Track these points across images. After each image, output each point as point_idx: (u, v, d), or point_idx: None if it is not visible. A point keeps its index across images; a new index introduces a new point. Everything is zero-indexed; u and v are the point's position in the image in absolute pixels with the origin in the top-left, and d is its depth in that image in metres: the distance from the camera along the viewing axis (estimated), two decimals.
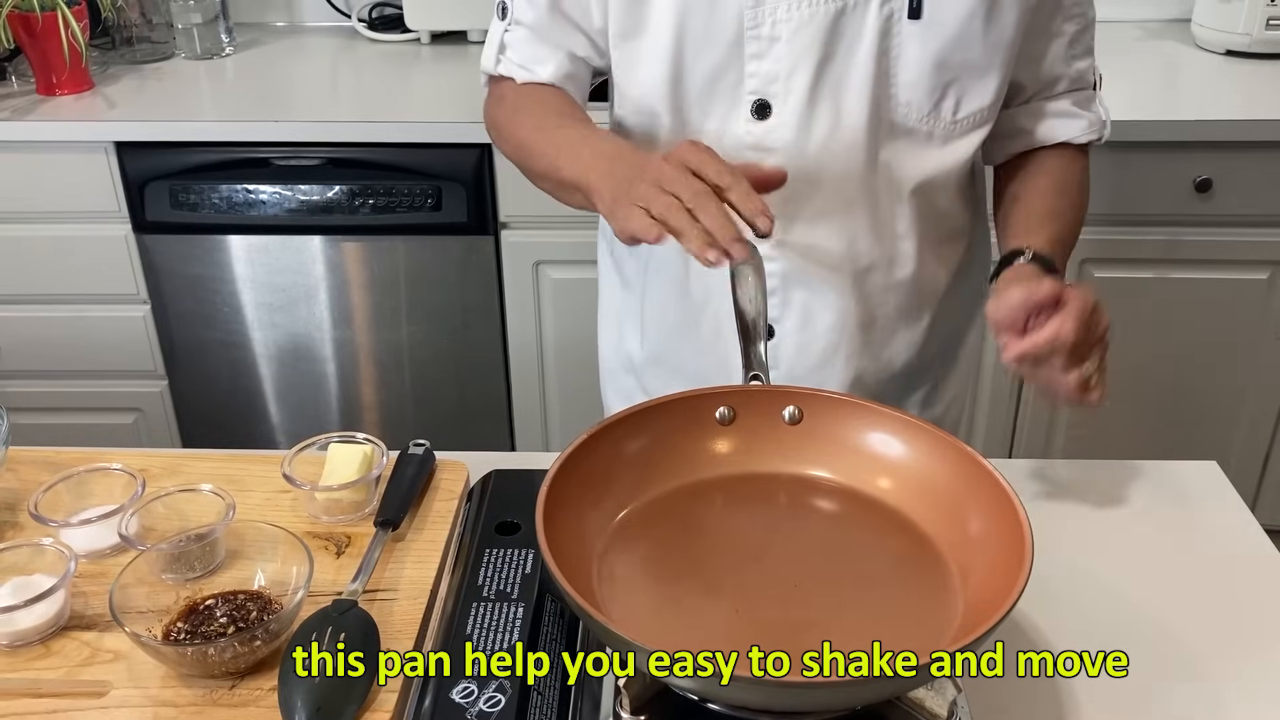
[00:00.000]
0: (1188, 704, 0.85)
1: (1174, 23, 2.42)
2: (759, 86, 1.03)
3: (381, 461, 1.00)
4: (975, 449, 0.85)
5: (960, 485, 0.85)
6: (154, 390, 2.24)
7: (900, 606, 0.81)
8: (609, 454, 0.87)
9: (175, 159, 2.01)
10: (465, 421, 2.25)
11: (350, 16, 2.45)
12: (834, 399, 0.92)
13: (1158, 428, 2.22)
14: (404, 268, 2.09)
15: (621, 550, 0.84)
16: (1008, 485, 0.80)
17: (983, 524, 0.82)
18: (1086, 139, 1.14)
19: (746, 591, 0.81)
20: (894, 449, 0.89)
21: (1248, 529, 1.04)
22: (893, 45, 1.01)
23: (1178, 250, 2.04)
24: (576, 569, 0.78)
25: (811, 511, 0.90)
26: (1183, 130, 1.94)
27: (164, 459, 1.07)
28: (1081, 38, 1.12)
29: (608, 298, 1.29)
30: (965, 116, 1.06)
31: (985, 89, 1.05)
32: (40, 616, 0.86)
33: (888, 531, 0.87)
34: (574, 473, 0.83)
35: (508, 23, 1.12)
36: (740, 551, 0.85)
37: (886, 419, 0.90)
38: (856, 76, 1.02)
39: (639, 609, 0.79)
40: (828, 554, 0.86)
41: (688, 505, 0.89)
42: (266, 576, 0.89)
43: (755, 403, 0.92)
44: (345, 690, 0.79)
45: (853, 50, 1.01)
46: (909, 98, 1.03)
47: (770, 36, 1.01)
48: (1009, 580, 0.73)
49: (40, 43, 2.05)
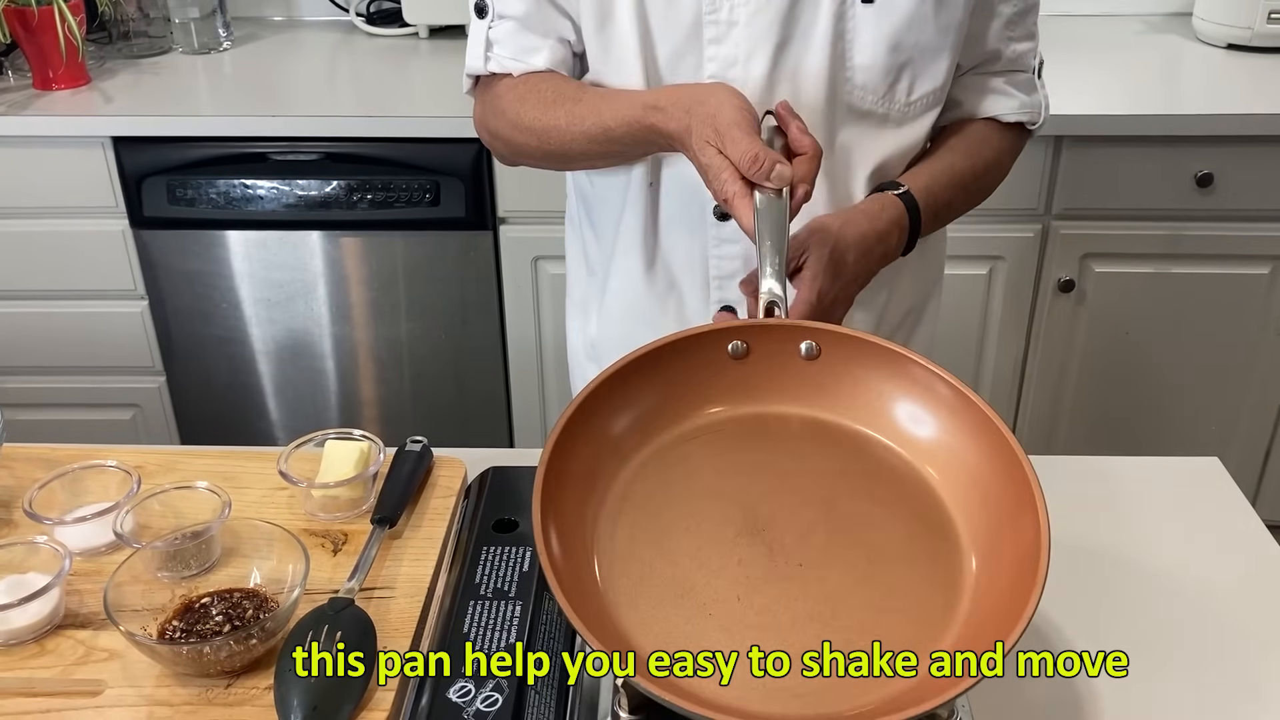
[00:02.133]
0: (1189, 703, 0.84)
1: (1175, 16, 2.41)
2: (718, 70, 1.04)
3: (378, 458, 1.00)
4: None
5: (976, 444, 0.81)
6: (152, 386, 2.23)
7: (905, 596, 0.77)
8: (618, 401, 0.84)
9: (173, 154, 2.00)
10: (464, 417, 2.25)
11: (348, 11, 2.45)
12: (853, 337, 0.87)
13: (1159, 423, 2.22)
14: (402, 263, 2.09)
15: (626, 516, 0.81)
16: (1036, 485, 0.77)
17: (993, 483, 0.79)
18: (1015, 118, 1.15)
19: (750, 573, 0.78)
20: (909, 392, 0.85)
21: (1249, 525, 1.03)
22: (847, 29, 1.03)
23: (1179, 245, 2.04)
24: (576, 544, 0.76)
25: (823, 465, 0.85)
26: (1184, 124, 1.93)
27: (159, 456, 1.06)
28: (1021, 20, 1.12)
29: (574, 285, 1.30)
30: (919, 98, 1.08)
31: (937, 70, 1.07)
32: (34, 615, 0.85)
33: (898, 492, 0.83)
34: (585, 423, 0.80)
35: (490, 19, 1.12)
36: (748, 521, 0.81)
37: (905, 362, 0.84)
38: (813, 60, 1.03)
39: (641, 593, 0.76)
40: (837, 523, 0.81)
41: (697, 456, 0.85)
42: (262, 574, 0.88)
43: (770, 337, 0.87)
44: (342, 689, 0.79)
45: (809, 34, 1.03)
46: (864, 80, 1.05)
47: (728, 21, 1.03)
48: (1018, 598, 0.70)
49: (37, 37, 2.04)
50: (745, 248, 1.11)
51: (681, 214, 1.11)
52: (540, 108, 1.08)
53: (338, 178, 2.00)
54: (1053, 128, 1.92)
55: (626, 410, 0.84)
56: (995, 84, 1.14)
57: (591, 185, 1.19)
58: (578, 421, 0.80)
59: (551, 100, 1.07)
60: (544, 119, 1.07)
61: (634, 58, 1.06)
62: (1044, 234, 2.04)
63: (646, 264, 1.16)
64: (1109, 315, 2.10)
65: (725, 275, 1.13)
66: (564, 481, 0.78)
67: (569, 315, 1.32)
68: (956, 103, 1.15)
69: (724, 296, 1.14)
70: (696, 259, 1.13)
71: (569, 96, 1.06)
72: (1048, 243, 2.05)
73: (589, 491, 0.80)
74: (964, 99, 1.15)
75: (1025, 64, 1.15)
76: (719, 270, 1.13)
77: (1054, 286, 2.07)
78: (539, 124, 1.08)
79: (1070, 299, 2.09)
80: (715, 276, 1.13)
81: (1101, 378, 2.16)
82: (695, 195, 1.09)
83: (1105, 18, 2.42)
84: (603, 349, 1.24)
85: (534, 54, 1.10)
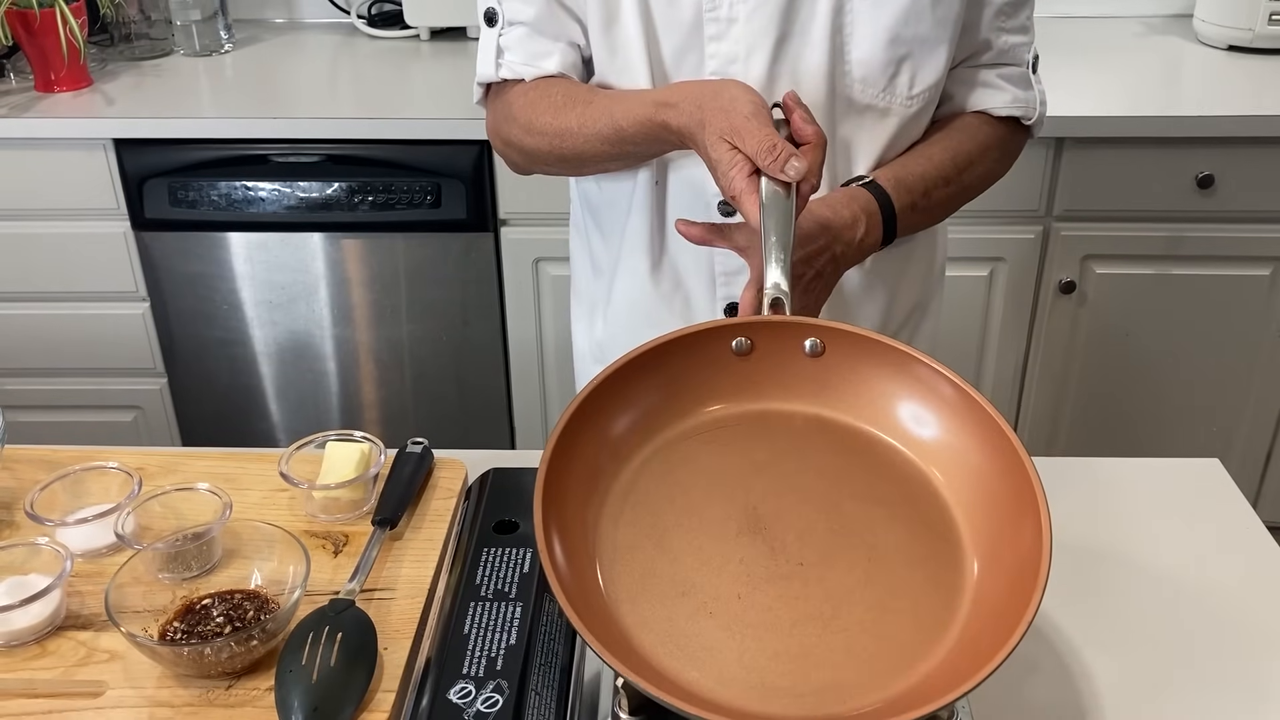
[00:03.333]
0: (1189, 703, 0.84)
1: (1176, 18, 2.41)
2: (719, 68, 1.05)
3: (379, 460, 1.00)
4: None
5: (980, 446, 0.81)
6: (154, 388, 2.23)
7: (906, 596, 0.77)
8: (620, 399, 0.83)
9: (174, 156, 2.00)
10: (466, 419, 2.25)
11: (349, 13, 2.45)
12: (857, 335, 0.86)
13: (1159, 425, 2.22)
14: (403, 265, 2.09)
15: (627, 515, 0.80)
16: (1039, 488, 0.77)
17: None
18: (1007, 112, 1.15)
19: (751, 571, 0.78)
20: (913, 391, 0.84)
21: (1250, 526, 1.03)
22: (846, 22, 1.03)
23: (1180, 247, 2.04)
24: (576, 556, 0.76)
25: (826, 465, 0.85)
26: (1185, 126, 1.93)
27: (160, 458, 1.06)
28: (1014, 13, 1.12)
29: (580, 288, 1.30)
30: (920, 91, 1.08)
31: (936, 62, 1.07)
32: (36, 616, 0.85)
33: (902, 492, 0.83)
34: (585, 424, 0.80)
35: (501, 27, 1.12)
36: (749, 519, 0.81)
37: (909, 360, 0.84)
38: (812, 55, 1.04)
39: (641, 593, 0.76)
40: (838, 523, 0.81)
41: (700, 455, 0.85)
42: (263, 576, 0.88)
43: (774, 334, 0.87)
44: (342, 690, 0.79)
45: (808, 29, 1.03)
46: (864, 74, 1.05)
47: (728, 18, 1.03)
48: (1019, 600, 0.70)
49: (39, 39, 2.04)
50: None
51: (686, 212, 1.11)
52: (552, 112, 1.08)
53: (339, 180, 2.00)
54: (1054, 129, 1.92)
55: (628, 409, 0.84)
56: (986, 77, 1.14)
57: (599, 189, 1.19)
58: (579, 421, 0.80)
59: (563, 104, 1.07)
60: (556, 122, 1.07)
61: (639, 57, 1.07)
62: (1045, 235, 2.04)
63: (653, 264, 1.17)
64: (1110, 317, 2.10)
65: (731, 271, 1.13)
66: (565, 482, 0.78)
67: (574, 318, 1.33)
68: (948, 96, 1.15)
69: (730, 293, 1.14)
70: (702, 257, 1.13)
71: (580, 99, 1.07)
72: (1049, 244, 2.05)
73: (590, 492, 0.80)
74: (955, 92, 1.15)
75: (1018, 57, 1.15)
76: (725, 266, 1.13)
77: (1055, 288, 2.07)
78: (551, 127, 1.08)
79: (1071, 300, 2.09)
80: (721, 273, 1.14)
81: (1102, 379, 2.16)
82: (701, 194, 1.10)
83: (1106, 19, 2.42)
84: (609, 350, 1.24)
85: (545, 59, 1.11)
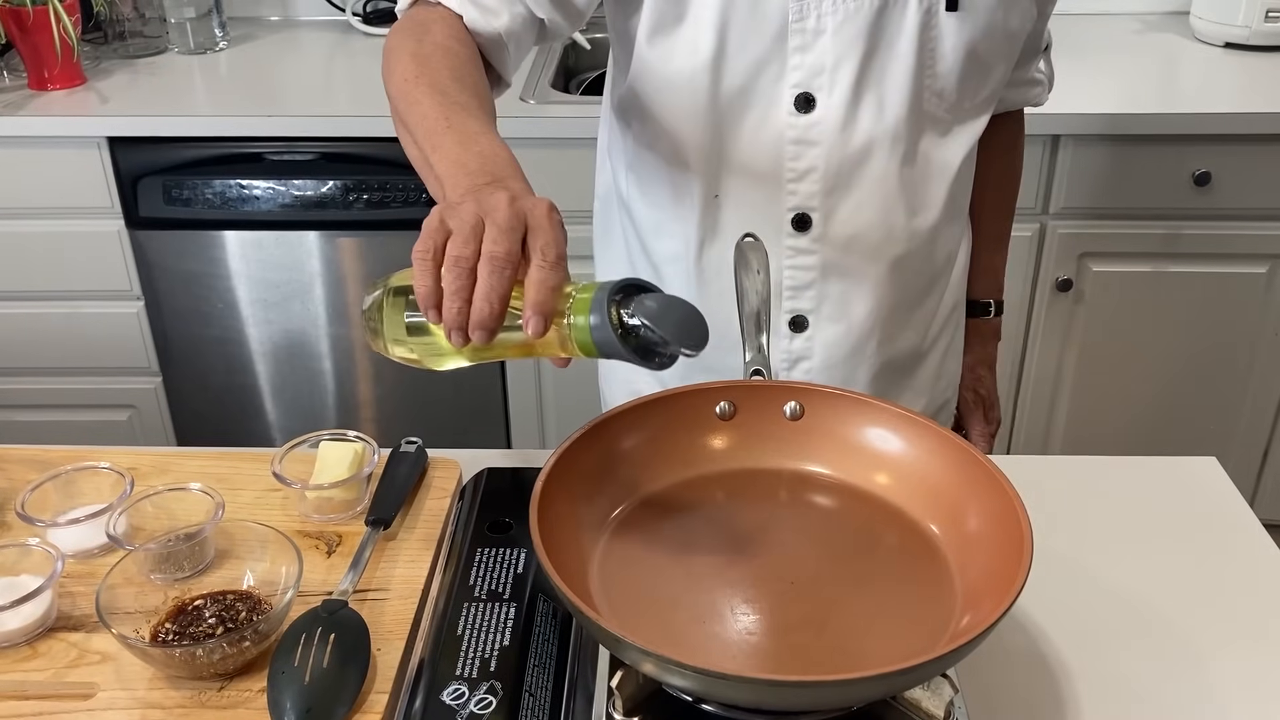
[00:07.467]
0: (1187, 701, 0.84)
1: (1172, 15, 2.41)
2: (803, 79, 1.02)
3: (373, 459, 1.00)
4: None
5: (960, 482, 0.84)
6: (148, 387, 2.23)
7: (898, 603, 0.80)
8: (606, 449, 0.86)
9: (168, 154, 2.00)
10: (461, 419, 2.24)
11: (344, 10, 2.44)
12: (835, 394, 0.91)
13: (1156, 423, 2.22)
14: (399, 263, 2.07)
15: (617, 548, 0.83)
16: (1007, 483, 0.80)
17: (982, 521, 0.81)
18: (1043, 98, 1.23)
19: (743, 589, 0.80)
20: (894, 445, 0.88)
21: (1247, 524, 1.03)
22: (931, 37, 1.02)
23: (1176, 244, 2.04)
24: (571, 568, 0.77)
25: (810, 508, 0.89)
26: (1181, 123, 1.93)
27: (153, 457, 1.06)
28: (1049, 7, 1.15)
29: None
30: (981, 100, 1.09)
31: (1000, 75, 1.08)
32: (27, 617, 0.85)
33: (887, 528, 0.86)
34: (570, 469, 0.82)
35: None
36: (738, 549, 0.84)
37: (887, 415, 0.89)
38: (898, 69, 1.02)
39: (634, 607, 0.78)
40: (826, 551, 0.85)
41: (686, 501, 0.88)
42: (256, 576, 0.88)
43: (756, 398, 0.91)
44: (335, 691, 0.78)
45: (894, 43, 1.01)
46: (942, 88, 1.05)
47: (815, 29, 1.01)
48: (1008, 578, 0.72)
49: (31, 37, 2.04)
50: (822, 258, 1.09)
51: (747, 227, 1.03)
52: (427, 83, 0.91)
53: (334, 178, 2.00)
54: (1050, 126, 1.92)
55: (610, 464, 0.87)
56: (1025, 74, 1.17)
57: (643, 195, 1.14)
58: (557, 478, 0.81)
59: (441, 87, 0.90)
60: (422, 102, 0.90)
61: (704, 67, 1.02)
62: (1041, 233, 2.04)
63: (701, 281, 1.12)
64: (1107, 314, 2.10)
65: (801, 286, 1.10)
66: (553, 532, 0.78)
67: None
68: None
69: (796, 306, 1.11)
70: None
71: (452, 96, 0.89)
72: (1045, 242, 2.05)
73: (577, 548, 0.82)
74: (1004, 94, 1.16)
75: (1045, 41, 1.20)
76: (794, 281, 1.10)
77: (1052, 286, 2.07)
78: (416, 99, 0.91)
79: (1068, 298, 2.09)
80: (790, 287, 1.10)
81: (1099, 377, 2.16)
82: (769, 206, 1.06)
83: (1103, 16, 2.42)
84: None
85: (495, 16, 0.99)
